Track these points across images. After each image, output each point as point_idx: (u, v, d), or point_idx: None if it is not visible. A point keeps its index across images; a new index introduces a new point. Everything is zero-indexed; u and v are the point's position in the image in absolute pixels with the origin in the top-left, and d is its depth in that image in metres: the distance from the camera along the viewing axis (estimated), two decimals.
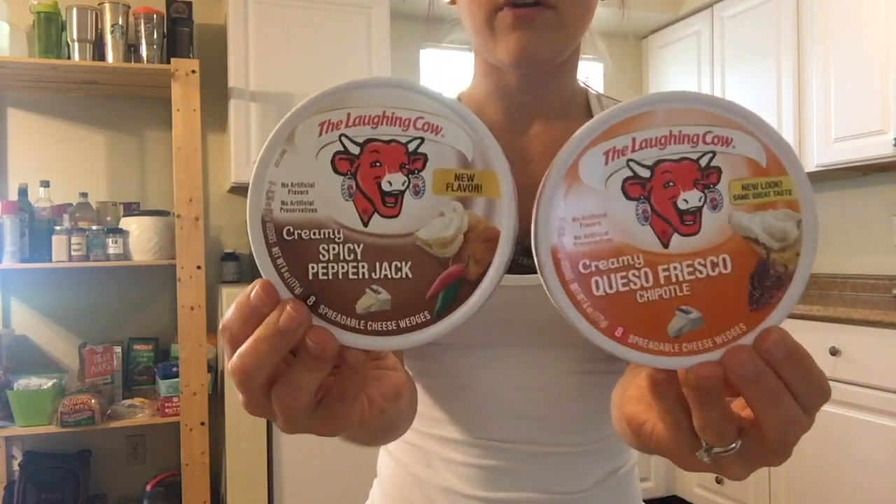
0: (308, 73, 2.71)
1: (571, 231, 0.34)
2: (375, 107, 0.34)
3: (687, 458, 0.37)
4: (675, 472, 3.09)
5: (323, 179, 0.35)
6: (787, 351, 0.34)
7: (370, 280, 0.34)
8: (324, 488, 2.57)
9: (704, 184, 0.34)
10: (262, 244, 0.35)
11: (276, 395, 0.35)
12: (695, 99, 0.35)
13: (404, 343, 0.35)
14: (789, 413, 0.34)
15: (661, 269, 0.34)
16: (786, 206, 0.34)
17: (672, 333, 0.34)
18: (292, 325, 0.33)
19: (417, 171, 0.34)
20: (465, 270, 0.35)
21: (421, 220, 0.34)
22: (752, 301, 0.35)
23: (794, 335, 0.35)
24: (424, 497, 0.70)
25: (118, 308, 2.84)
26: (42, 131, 2.80)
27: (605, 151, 0.34)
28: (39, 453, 2.60)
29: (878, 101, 2.51)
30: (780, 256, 0.35)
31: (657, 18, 3.58)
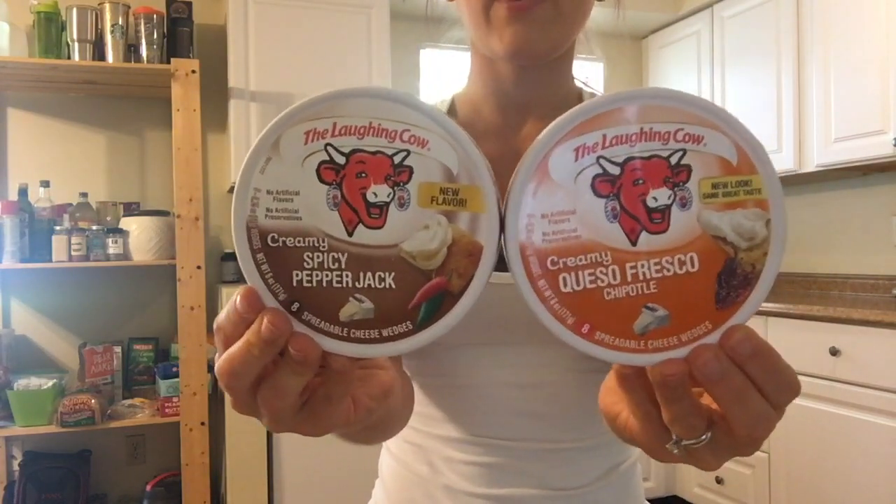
0: (308, 73, 2.71)
1: (540, 227, 0.34)
2: (362, 117, 0.35)
3: (658, 449, 0.38)
4: (675, 472, 3.09)
5: (308, 188, 0.35)
6: (752, 348, 0.34)
7: (354, 289, 0.35)
8: (324, 488, 2.57)
9: (674, 182, 0.34)
10: (247, 250, 0.35)
11: (261, 397, 0.35)
12: (667, 96, 0.34)
13: (386, 351, 0.35)
14: (757, 410, 0.34)
15: (629, 266, 0.34)
16: (755, 206, 0.34)
17: (638, 331, 0.34)
18: (272, 335, 0.33)
19: (403, 183, 0.35)
20: (447, 283, 0.35)
21: (405, 233, 0.35)
22: (718, 300, 0.34)
23: (795, 335, 0.35)
24: (426, 495, 0.70)
25: (118, 308, 2.84)
26: (42, 131, 2.80)
27: (575, 148, 0.34)
28: (39, 453, 2.60)
29: (878, 101, 2.51)
30: (747, 256, 0.34)
31: (657, 18, 3.58)
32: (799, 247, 3.27)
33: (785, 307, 2.52)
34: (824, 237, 3.15)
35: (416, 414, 0.72)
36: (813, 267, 3.21)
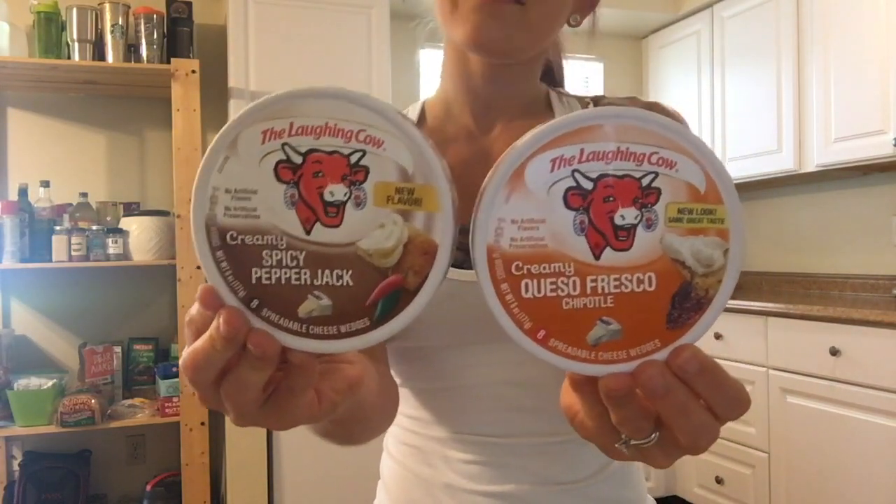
0: (308, 73, 2.71)
1: (509, 232, 0.35)
2: (318, 117, 0.35)
3: (610, 448, 0.39)
4: (675, 472, 3.09)
5: (266, 187, 0.35)
6: (699, 366, 0.35)
7: (312, 286, 0.35)
8: (324, 488, 2.57)
9: (643, 203, 0.35)
10: (207, 248, 0.35)
11: (224, 391, 0.36)
12: (647, 119, 0.35)
13: (344, 347, 0.36)
14: (700, 422, 0.35)
15: (590, 279, 0.35)
16: (716, 234, 0.36)
17: (591, 342, 0.35)
18: (229, 333, 0.34)
19: (359, 182, 0.35)
20: (404, 280, 0.36)
21: (362, 231, 0.35)
22: (670, 320, 0.36)
23: (795, 335, 0.35)
24: (428, 495, 0.70)
25: (118, 308, 2.84)
26: (42, 131, 2.80)
27: (552, 159, 0.35)
28: (39, 453, 2.60)
29: (878, 101, 2.51)
30: (703, 281, 0.36)
31: (657, 18, 3.58)
32: (799, 247, 3.27)
33: (785, 307, 2.52)
34: (824, 237, 3.15)
35: (412, 417, 0.72)
36: (813, 267, 3.20)
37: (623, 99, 0.72)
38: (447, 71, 0.73)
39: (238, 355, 0.36)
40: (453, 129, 0.72)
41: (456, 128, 0.72)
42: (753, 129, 3.08)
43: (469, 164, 0.70)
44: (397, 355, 0.71)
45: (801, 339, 2.45)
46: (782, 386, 2.54)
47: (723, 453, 2.81)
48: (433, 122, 0.74)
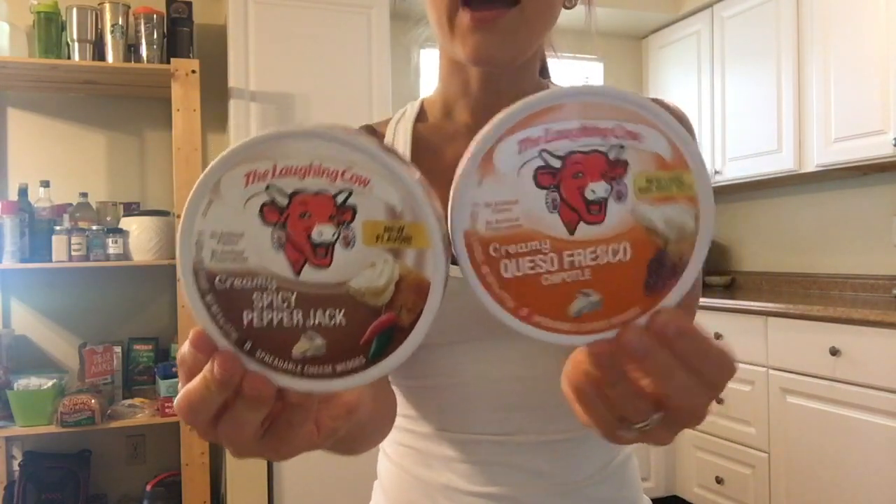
0: (308, 73, 2.72)
1: (484, 215, 0.36)
2: (302, 157, 0.35)
3: (612, 433, 0.40)
4: (675, 472, 3.09)
5: (252, 230, 0.35)
6: (677, 329, 0.36)
7: (305, 327, 0.35)
8: (323, 488, 2.57)
9: (612, 176, 0.36)
10: (196, 293, 0.35)
11: (221, 430, 0.37)
12: (606, 94, 0.36)
13: (340, 386, 0.36)
14: (684, 384, 0.36)
15: (566, 254, 0.36)
16: (686, 201, 0.36)
17: (573, 314, 0.36)
18: (224, 377, 0.35)
19: (347, 222, 0.35)
20: (397, 318, 0.36)
21: (352, 271, 0.35)
22: (647, 287, 0.37)
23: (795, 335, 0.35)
24: (426, 496, 0.70)
25: (118, 308, 2.84)
26: (42, 131, 2.80)
27: (519, 140, 0.36)
28: (39, 453, 2.60)
29: (878, 101, 2.51)
30: (676, 247, 0.36)
31: (657, 18, 3.58)
32: (799, 247, 3.27)
33: (785, 307, 2.52)
34: (824, 237, 3.15)
35: (408, 417, 0.72)
36: (813, 267, 3.20)
37: None
38: (444, 75, 0.73)
39: (234, 394, 0.36)
40: (452, 128, 0.72)
41: (455, 126, 0.72)
42: (753, 129, 3.08)
43: None
44: None
45: (801, 339, 2.45)
46: (782, 386, 2.54)
47: (723, 453, 2.81)
48: (432, 121, 0.74)
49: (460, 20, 0.61)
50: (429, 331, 0.37)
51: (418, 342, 0.36)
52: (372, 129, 0.75)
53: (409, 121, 0.73)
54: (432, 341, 0.67)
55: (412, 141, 0.72)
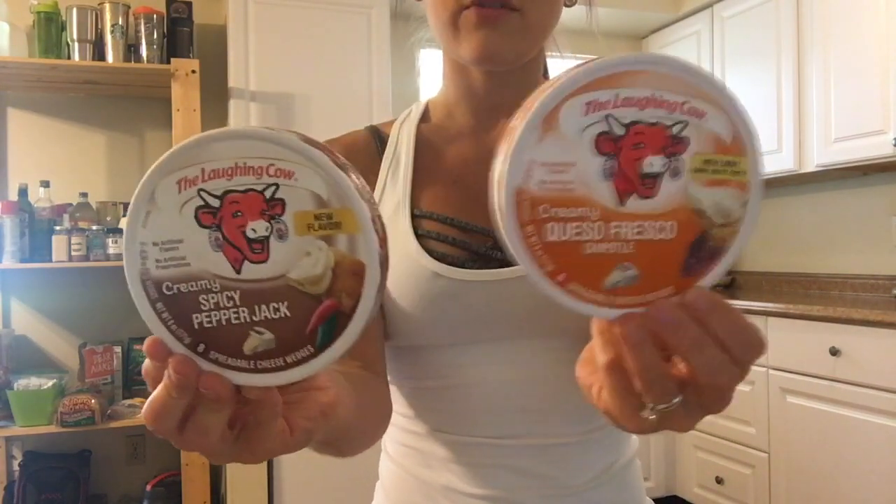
0: (308, 73, 2.72)
1: (539, 175, 0.35)
2: (227, 159, 0.36)
3: (633, 417, 0.39)
4: (675, 472, 3.09)
5: (190, 234, 0.36)
6: (709, 303, 0.36)
7: (252, 322, 0.36)
8: (323, 488, 2.57)
9: (671, 151, 0.36)
10: (146, 302, 0.37)
11: (187, 437, 0.37)
12: (683, 68, 0.35)
13: (293, 377, 0.37)
14: (714, 359, 0.36)
15: (613, 225, 0.36)
16: (736, 187, 0.36)
17: (608, 286, 0.36)
18: (181, 380, 0.36)
19: (278, 216, 0.36)
20: (338, 304, 0.36)
21: (289, 262, 0.36)
22: (685, 268, 0.36)
23: (795, 335, 0.35)
24: (426, 497, 0.70)
25: (118, 308, 2.84)
26: (42, 131, 2.80)
27: (587, 102, 0.35)
28: (39, 453, 2.60)
29: (878, 101, 2.51)
30: (719, 231, 0.36)
31: (657, 18, 3.58)
32: (799, 247, 3.27)
33: (785, 307, 2.52)
34: (824, 237, 3.15)
35: (410, 417, 0.72)
36: (813, 267, 3.20)
37: None
38: (447, 77, 0.73)
39: (196, 399, 0.37)
40: (455, 129, 0.72)
41: (458, 127, 0.72)
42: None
43: (473, 162, 0.70)
44: (395, 355, 0.71)
45: (801, 339, 2.45)
46: (782, 386, 2.54)
47: (723, 453, 2.81)
48: (436, 122, 0.74)
49: (465, 18, 0.62)
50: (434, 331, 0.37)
51: (362, 325, 0.36)
52: (376, 129, 0.76)
53: (413, 121, 0.74)
54: (437, 342, 0.67)
55: (415, 141, 0.72)
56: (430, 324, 0.65)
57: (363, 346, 0.66)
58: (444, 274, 0.64)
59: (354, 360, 0.65)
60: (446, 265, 0.64)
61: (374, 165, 0.72)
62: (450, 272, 0.64)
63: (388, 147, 0.73)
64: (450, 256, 0.65)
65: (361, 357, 0.65)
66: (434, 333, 0.66)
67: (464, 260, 0.65)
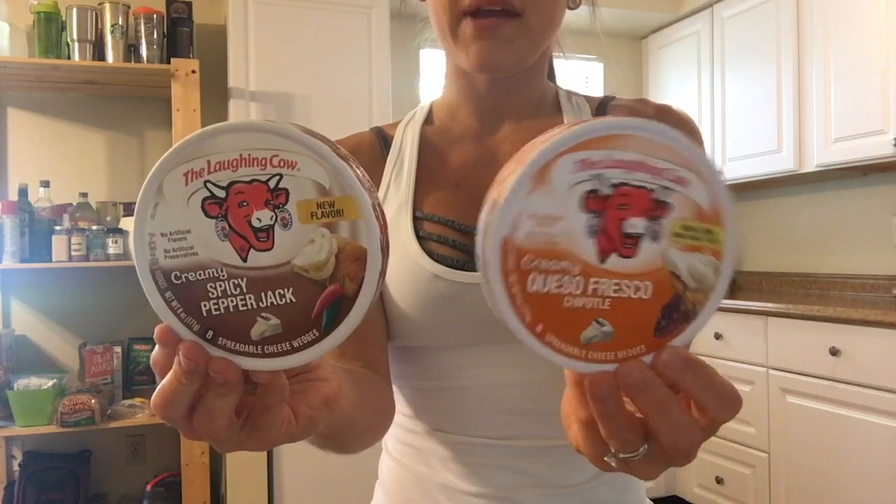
0: (308, 73, 2.72)
1: (526, 226, 0.36)
2: (232, 151, 0.37)
3: (598, 460, 0.40)
4: (675, 471, 3.10)
5: (197, 225, 0.37)
6: (684, 362, 0.36)
7: (259, 309, 0.38)
8: (324, 488, 2.57)
9: (653, 215, 0.37)
10: (155, 291, 0.38)
11: (196, 423, 0.38)
12: (673, 137, 0.37)
13: (300, 360, 0.38)
14: (678, 421, 0.37)
15: (592, 281, 0.37)
16: (711, 254, 0.38)
17: (583, 341, 0.37)
18: (190, 365, 0.36)
19: (282, 205, 0.37)
20: (342, 289, 0.38)
21: (294, 249, 0.37)
22: (657, 328, 0.38)
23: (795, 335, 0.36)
24: (425, 495, 0.70)
25: (118, 308, 2.84)
26: (42, 131, 2.80)
27: (580, 160, 0.36)
28: (39, 453, 2.60)
29: (878, 101, 2.51)
30: (692, 296, 0.38)
31: (657, 18, 3.58)
32: (799, 247, 3.27)
33: (785, 307, 2.52)
34: (824, 237, 3.15)
35: (411, 416, 0.72)
36: (813, 267, 3.21)
37: (633, 101, 0.72)
38: (450, 79, 0.73)
39: (205, 386, 0.37)
40: (459, 130, 0.72)
41: (461, 129, 0.72)
42: (753, 129, 3.08)
43: (475, 165, 0.70)
44: (396, 356, 0.71)
45: (801, 339, 2.45)
46: (782, 386, 2.54)
47: (723, 453, 2.82)
48: (439, 124, 0.74)
49: (463, 29, 0.62)
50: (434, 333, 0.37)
51: (365, 308, 0.38)
52: (381, 130, 0.76)
53: (417, 123, 0.74)
54: (437, 344, 0.67)
55: (419, 143, 0.72)
56: (429, 325, 0.65)
57: (366, 347, 0.66)
58: (444, 276, 0.64)
59: (357, 360, 0.65)
60: (446, 267, 0.64)
61: (378, 167, 0.72)
62: (449, 274, 0.64)
63: (392, 149, 0.73)
64: (450, 259, 0.65)
65: (364, 357, 0.65)
66: (433, 335, 0.66)
67: (464, 262, 0.65)
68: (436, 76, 3.39)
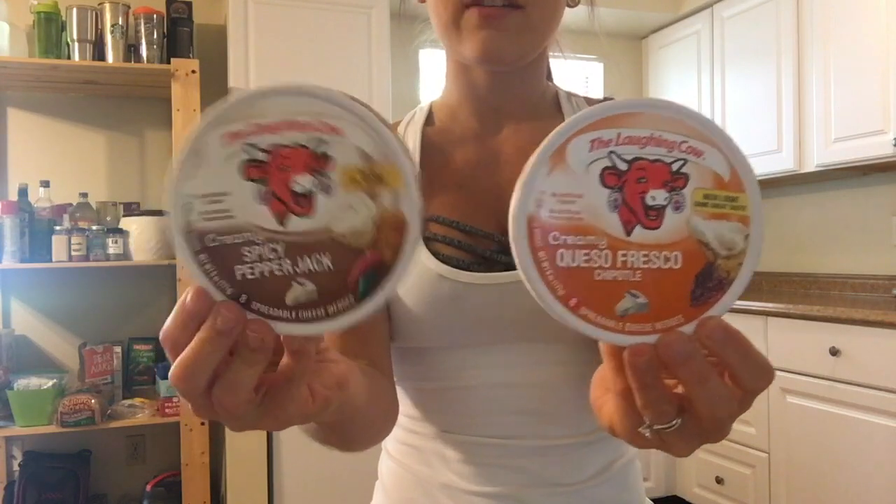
0: (308, 74, 2.71)
1: (549, 204, 0.37)
2: (276, 114, 0.36)
3: (633, 433, 0.40)
4: (676, 472, 3.09)
5: (236, 187, 0.37)
6: (725, 334, 0.37)
7: (295, 274, 0.37)
8: (324, 488, 2.57)
9: (672, 186, 0.38)
10: (189, 253, 0.37)
11: (216, 396, 0.37)
12: (680, 110, 0.38)
13: (334, 326, 0.37)
14: (717, 391, 0.37)
15: (620, 253, 0.38)
16: (738, 220, 0.38)
17: (619, 312, 0.38)
18: (228, 325, 0.35)
19: (324, 170, 0.37)
20: (380, 256, 0.37)
21: (334, 216, 0.37)
22: (693, 297, 0.38)
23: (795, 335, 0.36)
24: (426, 495, 0.70)
25: (118, 308, 2.84)
26: (42, 131, 2.80)
27: (592, 140, 0.37)
28: (39, 453, 2.60)
29: (878, 101, 2.51)
30: (724, 263, 0.38)
31: (657, 18, 3.58)
32: (799, 247, 3.27)
33: (785, 307, 2.52)
34: (824, 237, 3.15)
35: (411, 417, 0.72)
36: (813, 267, 3.21)
37: None
38: (450, 79, 0.73)
39: (226, 361, 0.36)
40: (460, 131, 0.72)
41: (463, 129, 0.72)
42: (753, 129, 3.08)
43: (478, 167, 0.70)
44: (400, 357, 0.71)
45: (801, 339, 2.45)
46: (782, 386, 2.54)
47: (723, 453, 2.82)
48: (440, 124, 0.74)
49: (467, 19, 0.62)
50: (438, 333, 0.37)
51: (402, 276, 0.38)
52: None
53: (418, 124, 0.74)
54: (440, 344, 0.67)
55: (421, 144, 0.72)
56: (433, 326, 0.65)
57: (369, 345, 0.66)
58: (449, 276, 0.64)
59: (360, 358, 0.65)
60: (451, 268, 0.64)
61: None
62: (454, 275, 0.64)
63: None
64: (455, 259, 0.65)
65: (367, 356, 0.65)
66: (437, 335, 0.66)
67: (468, 263, 0.65)
68: (436, 76, 3.39)
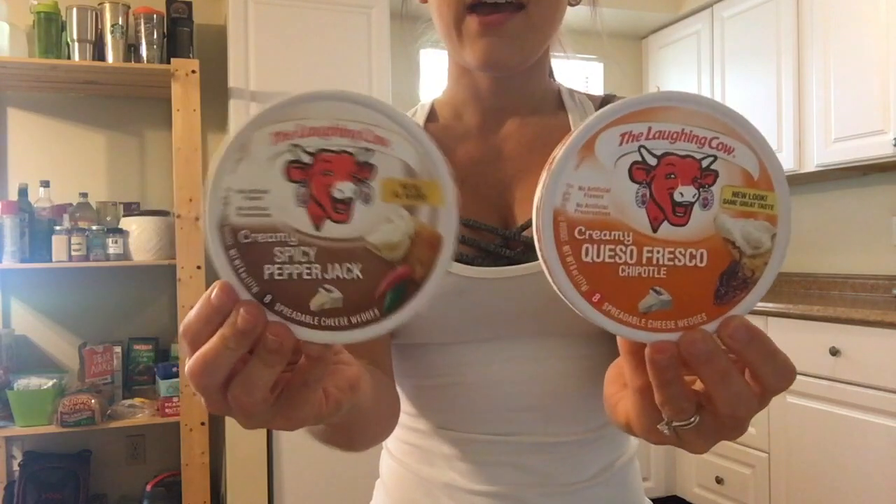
0: (308, 73, 2.71)
1: (575, 198, 0.37)
2: (326, 119, 0.37)
3: (651, 430, 0.40)
4: (676, 472, 3.09)
5: (277, 186, 0.37)
6: (748, 335, 0.37)
7: (323, 280, 0.37)
8: (324, 488, 2.57)
9: (701, 183, 0.37)
10: (220, 247, 0.37)
11: (232, 394, 0.37)
12: (712, 106, 0.37)
13: (356, 337, 0.37)
14: (738, 391, 0.37)
15: (646, 250, 0.37)
16: (765, 219, 0.38)
17: (642, 309, 0.37)
18: (249, 325, 0.35)
19: (366, 180, 0.37)
20: (411, 272, 0.37)
21: (370, 226, 0.37)
22: (717, 296, 0.38)
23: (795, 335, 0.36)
24: (427, 495, 0.70)
25: (118, 308, 2.84)
26: (42, 131, 2.80)
27: (622, 133, 0.37)
28: (39, 453, 2.60)
29: (878, 101, 2.51)
30: (750, 262, 0.38)
31: (657, 18, 3.58)
32: (799, 247, 3.27)
33: (785, 307, 2.52)
34: (824, 237, 3.15)
35: (411, 415, 0.72)
36: (813, 267, 3.21)
37: None
38: (453, 79, 0.73)
39: (244, 359, 0.36)
40: (463, 129, 0.72)
41: (465, 128, 0.72)
42: None
43: (480, 163, 0.70)
44: (399, 354, 0.71)
45: (801, 339, 2.45)
46: None
47: (723, 453, 2.81)
48: (443, 122, 0.74)
49: (468, 26, 0.62)
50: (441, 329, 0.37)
51: (430, 296, 0.37)
52: None
53: (419, 120, 0.74)
54: (443, 340, 0.67)
55: None
56: (437, 321, 0.65)
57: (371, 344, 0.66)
58: (453, 271, 0.64)
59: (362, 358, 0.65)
60: (455, 262, 0.64)
61: None
62: (458, 269, 0.64)
63: None
64: (458, 254, 0.65)
65: (369, 355, 0.65)
66: (439, 331, 0.66)
67: (472, 257, 0.65)
68: (436, 76, 3.39)
